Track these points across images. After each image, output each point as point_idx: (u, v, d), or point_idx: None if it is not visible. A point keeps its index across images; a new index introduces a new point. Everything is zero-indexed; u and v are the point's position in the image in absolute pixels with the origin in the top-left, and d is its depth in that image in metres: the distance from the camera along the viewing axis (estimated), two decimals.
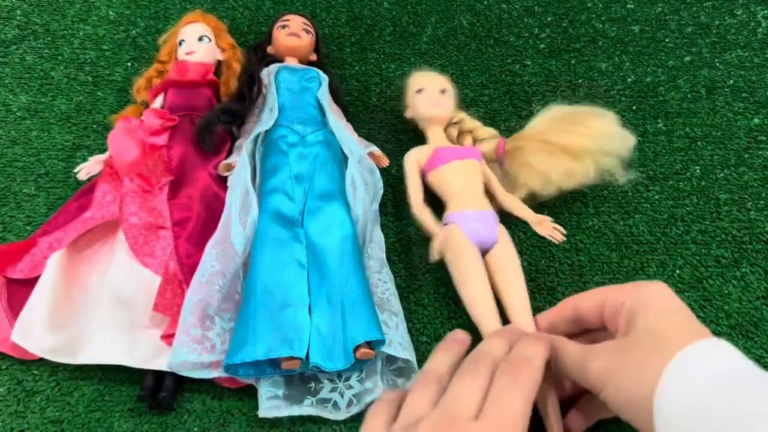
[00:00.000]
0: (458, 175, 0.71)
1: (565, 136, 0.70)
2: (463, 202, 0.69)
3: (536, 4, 1.03)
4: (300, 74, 0.82)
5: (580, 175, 0.70)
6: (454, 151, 0.73)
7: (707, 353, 0.37)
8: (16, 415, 0.58)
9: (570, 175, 0.70)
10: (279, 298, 0.59)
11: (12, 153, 0.81)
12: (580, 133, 0.70)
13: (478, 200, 0.70)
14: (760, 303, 0.66)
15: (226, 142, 0.77)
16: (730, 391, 0.34)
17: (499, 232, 0.67)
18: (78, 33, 0.97)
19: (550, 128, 0.72)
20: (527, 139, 0.74)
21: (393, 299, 0.63)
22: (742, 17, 0.97)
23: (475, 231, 0.66)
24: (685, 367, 0.37)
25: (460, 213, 0.68)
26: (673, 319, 0.41)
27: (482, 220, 0.67)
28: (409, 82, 0.81)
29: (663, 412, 0.36)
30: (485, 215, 0.68)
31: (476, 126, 0.80)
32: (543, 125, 0.74)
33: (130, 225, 0.66)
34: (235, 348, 0.55)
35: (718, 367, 0.36)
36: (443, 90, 0.78)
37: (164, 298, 0.60)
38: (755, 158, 0.80)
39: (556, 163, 0.70)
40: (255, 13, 1.03)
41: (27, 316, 0.61)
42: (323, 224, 0.66)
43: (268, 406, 0.57)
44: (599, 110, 0.73)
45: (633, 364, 0.39)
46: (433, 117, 0.77)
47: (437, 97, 0.77)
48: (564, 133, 0.70)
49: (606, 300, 0.47)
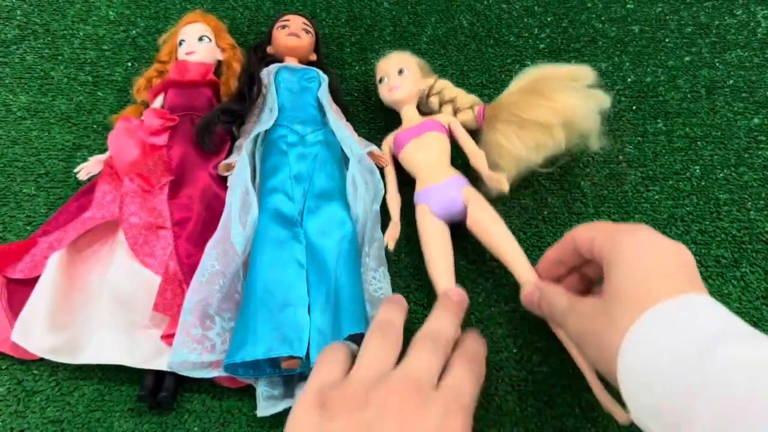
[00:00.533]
0: (417, 153, 0.72)
1: (534, 111, 0.70)
2: (426, 177, 0.71)
3: (536, 4, 1.03)
4: (300, 74, 0.82)
5: (552, 146, 0.70)
6: (410, 131, 0.74)
7: (675, 313, 0.36)
8: (16, 415, 0.58)
9: (541, 148, 0.70)
10: (279, 298, 0.59)
11: (12, 153, 0.81)
12: (547, 107, 0.69)
13: (439, 171, 0.70)
14: (760, 303, 0.66)
15: (226, 142, 0.77)
16: (689, 354, 0.33)
17: (466, 194, 0.68)
18: (78, 33, 0.97)
19: (520, 102, 0.71)
20: (501, 109, 0.73)
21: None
22: (742, 17, 0.97)
23: (438, 203, 0.67)
24: (647, 329, 0.36)
25: (422, 191, 0.70)
26: (645, 276, 0.39)
27: (442, 191, 0.68)
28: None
29: (625, 374, 0.36)
30: (446, 184, 0.69)
31: (457, 94, 0.80)
32: (514, 97, 0.73)
33: (130, 225, 0.66)
34: (235, 347, 0.55)
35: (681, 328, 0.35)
36: (401, 70, 0.79)
37: (164, 298, 0.61)
38: (755, 158, 0.80)
39: (526, 138, 0.70)
40: (255, 13, 1.03)
41: (27, 316, 0.61)
42: (323, 224, 0.67)
43: (266, 405, 0.57)
44: (574, 72, 0.72)
45: (602, 326, 0.39)
46: (394, 102, 0.79)
47: (395, 80, 0.78)
48: (531, 107, 0.70)
49: (594, 240, 0.46)
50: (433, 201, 0.68)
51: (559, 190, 0.78)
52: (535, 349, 0.64)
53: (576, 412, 0.60)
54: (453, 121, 0.76)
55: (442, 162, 0.72)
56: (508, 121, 0.72)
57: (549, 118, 0.69)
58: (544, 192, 0.78)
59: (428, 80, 0.82)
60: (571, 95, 0.70)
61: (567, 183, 0.79)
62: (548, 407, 0.60)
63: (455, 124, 0.76)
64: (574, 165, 0.80)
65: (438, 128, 0.74)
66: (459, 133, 0.75)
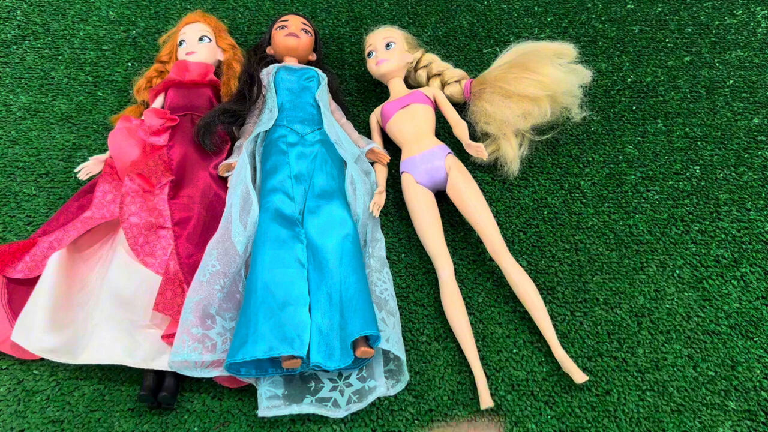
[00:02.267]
0: (403, 123, 0.76)
1: (519, 83, 0.73)
2: (411, 147, 0.74)
3: (536, 4, 1.03)
4: (299, 74, 0.82)
5: (538, 116, 0.74)
6: (396, 102, 0.78)
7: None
8: (16, 415, 0.58)
9: (528, 117, 0.74)
10: (279, 297, 0.59)
11: (12, 153, 0.81)
12: (533, 80, 0.73)
13: (424, 140, 0.74)
14: (759, 303, 0.66)
15: (226, 142, 0.77)
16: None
17: (449, 163, 0.71)
18: (78, 33, 0.97)
19: (506, 75, 0.75)
20: (487, 83, 0.77)
21: (391, 300, 0.64)
22: (742, 17, 0.98)
23: (422, 171, 0.72)
24: None
25: (407, 160, 0.74)
26: None
27: (426, 160, 0.72)
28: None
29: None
30: (430, 153, 0.72)
31: (445, 68, 0.83)
32: (501, 71, 0.76)
33: (130, 225, 0.66)
34: (236, 347, 0.55)
35: None
36: (388, 43, 0.82)
37: (165, 297, 0.61)
38: (755, 158, 0.80)
39: (512, 107, 0.74)
40: (255, 13, 1.03)
41: (27, 315, 0.61)
42: (323, 223, 0.67)
43: (268, 405, 0.57)
44: (558, 48, 0.76)
45: None
46: (381, 75, 0.82)
47: (382, 53, 0.82)
48: (519, 80, 0.74)
49: None
50: (417, 169, 0.72)
51: (559, 190, 0.78)
52: (535, 349, 0.64)
53: (576, 412, 0.60)
54: (438, 92, 0.79)
55: (427, 132, 0.75)
56: (495, 92, 0.76)
57: (535, 90, 0.73)
58: (544, 192, 0.78)
59: (415, 54, 0.84)
60: (555, 69, 0.74)
61: (567, 183, 0.79)
62: (548, 407, 0.60)
63: (440, 95, 0.79)
64: (574, 165, 0.80)
65: (423, 100, 0.77)
66: (443, 104, 0.79)
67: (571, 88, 0.74)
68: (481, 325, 0.66)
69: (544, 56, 0.74)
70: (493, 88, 0.75)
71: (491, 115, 0.74)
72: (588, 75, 0.75)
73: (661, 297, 0.67)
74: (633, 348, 0.64)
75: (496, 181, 0.78)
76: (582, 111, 0.76)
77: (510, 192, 0.78)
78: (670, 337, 0.64)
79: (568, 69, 0.74)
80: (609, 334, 0.65)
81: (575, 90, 0.74)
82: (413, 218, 0.69)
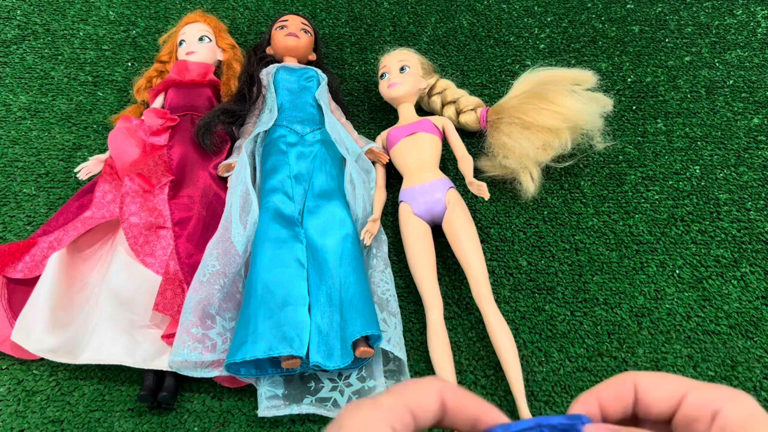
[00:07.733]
0: (407, 151, 0.74)
1: (538, 114, 0.71)
2: (412, 177, 0.72)
3: (536, 4, 1.03)
4: (298, 74, 0.82)
5: (558, 147, 0.72)
6: (404, 128, 0.75)
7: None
8: (16, 415, 0.58)
9: (548, 148, 0.72)
10: (279, 297, 0.59)
11: (12, 153, 0.81)
12: (553, 111, 0.71)
13: (426, 172, 0.72)
14: (759, 303, 0.66)
15: (226, 142, 0.77)
16: None
17: (449, 197, 0.69)
18: (78, 33, 0.97)
19: (524, 105, 0.73)
20: (504, 112, 0.75)
21: (392, 301, 0.64)
22: (742, 17, 0.97)
23: (420, 203, 0.69)
24: None
25: (407, 190, 0.71)
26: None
27: (427, 192, 0.69)
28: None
29: None
30: (431, 186, 0.70)
31: (459, 96, 0.81)
32: (518, 101, 0.74)
33: (130, 225, 0.66)
34: (236, 347, 0.55)
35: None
36: (402, 67, 0.79)
37: (164, 297, 0.61)
38: (755, 158, 0.80)
39: (531, 138, 0.72)
40: (255, 13, 1.03)
41: (27, 315, 0.61)
42: (323, 223, 0.67)
43: (268, 405, 0.57)
44: (575, 75, 0.74)
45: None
46: (392, 99, 0.80)
47: (395, 77, 0.79)
48: (537, 111, 0.71)
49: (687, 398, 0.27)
50: (416, 201, 0.69)
51: (559, 190, 0.78)
52: (535, 349, 0.64)
53: None
54: (447, 123, 0.77)
55: (429, 163, 0.73)
56: (513, 123, 0.73)
57: (555, 122, 0.71)
58: (544, 192, 0.78)
59: (429, 79, 0.82)
60: (575, 99, 0.72)
61: (567, 183, 0.79)
62: (548, 407, 0.60)
63: (449, 126, 0.76)
64: (574, 165, 0.80)
65: (431, 129, 0.75)
66: (451, 136, 0.76)
67: (592, 117, 0.72)
68: (481, 325, 0.66)
69: (562, 85, 0.72)
70: (510, 119, 0.73)
71: (510, 149, 0.72)
72: (609, 103, 0.73)
73: (661, 297, 0.67)
74: (633, 348, 0.64)
75: (496, 181, 0.78)
76: (605, 140, 0.75)
77: (510, 192, 0.78)
78: (670, 337, 0.64)
79: (588, 98, 0.72)
80: (609, 334, 0.65)
81: (596, 120, 0.72)
82: (406, 250, 0.67)
